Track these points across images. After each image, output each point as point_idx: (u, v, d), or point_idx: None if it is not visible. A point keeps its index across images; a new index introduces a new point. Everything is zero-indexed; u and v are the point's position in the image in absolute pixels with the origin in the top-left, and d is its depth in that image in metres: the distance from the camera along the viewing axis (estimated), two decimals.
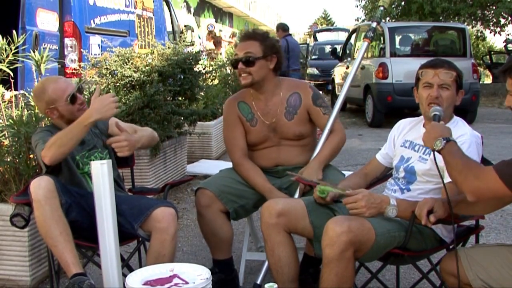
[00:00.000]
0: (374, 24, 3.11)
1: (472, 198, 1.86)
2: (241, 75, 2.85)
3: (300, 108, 2.92)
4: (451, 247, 2.34)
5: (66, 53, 5.90)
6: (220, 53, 11.67)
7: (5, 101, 3.23)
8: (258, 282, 2.77)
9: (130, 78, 4.48)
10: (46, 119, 3.09)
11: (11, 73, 3.18)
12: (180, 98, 5.06)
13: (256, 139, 2.95)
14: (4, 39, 3.18)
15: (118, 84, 4.46)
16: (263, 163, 2.96)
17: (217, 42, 12.41)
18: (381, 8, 3.09)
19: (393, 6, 17.02)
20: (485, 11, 17.15)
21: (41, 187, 2.30)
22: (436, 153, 2.01)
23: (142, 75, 4.50)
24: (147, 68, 4.56)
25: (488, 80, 19.84)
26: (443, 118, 2.31)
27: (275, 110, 2.92)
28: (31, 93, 2.94)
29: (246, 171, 2.89)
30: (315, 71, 15.91)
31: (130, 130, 2.75)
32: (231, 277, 2.94)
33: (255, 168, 2.90)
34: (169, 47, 4.97)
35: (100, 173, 2.29)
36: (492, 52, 18.15)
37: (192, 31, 11.62)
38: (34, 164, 3.00)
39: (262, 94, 2.93)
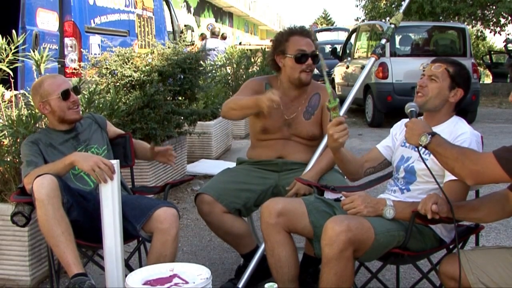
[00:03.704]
0: (383, 41, 3.10)
1: (471, 182, 1.91)
2: (304, 70, 2.92)
3: (317, 109, 2.99)
4: (451, 246, 2.35)
5: (66, 52, 5.90)
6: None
7: (5, 101, 3.23)
8: (240, 286, 2.77)
9: (130, 78, 4.48)
10: (45, 119, 3.10)
11: (11, 73, 3.19)
12: (180, 98, 5.06)
13: (270, 127, 2.98)
14: (4, 39, 3.18)
15: (118, 84, 4.45)
16: (267, 153, 3.00)
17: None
18: (392, 26, 3.06)
19: (393, 6, 17.03)
20: (485, 11, 17.16)
21: (44, 186, 2.29)
22: (422, 154, 2.03)
23: (142, 75, 4.50)
24: (147, 68, 4.56)
25: (488, 80, 19.84)
26: (429, 109, 2.37)
27: (297, 107, 2.99)
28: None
29: (231, 101, 2.90)
30: (315, 71, 15.88)
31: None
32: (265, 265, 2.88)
33: (239, 97, 2.93)
34: (169, 47, 4.97)
35: None
36: (492, 52, 18.15)
37: (192, 31, 11.61)
38: None
39: (294, 91, 3.00)
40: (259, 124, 3.01)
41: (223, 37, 13.42)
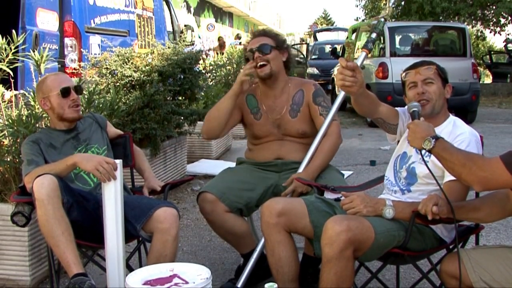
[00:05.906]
0: (374, 35, 3.10)
1: (479, 188, 1.89)
2: (258, 65, 2.92)
3: (302, 105, 2.99)
4: (451, 246, 2.34)
5: (66, 52, 5.89)
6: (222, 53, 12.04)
7: (5, 101, 3.23)
8: (239, 285, 2.76)
9: (130, 78, 4.48)
10: (45, 119, 3.10)
11: (11, 73, 3.19)
12: (180, 98, 5.07)
13: (260, 133, 3.02)
14: (4, 39, 3.18)
15: (118, 84, 4.45)
16: (265, 155, 3.01)
17: (222, 43, 13.19)
18: (382, 19, 3.07)
19: (393, 6, 17.03)
20: (485, 11, 17.20)
21: (44, 186, 2.29)
22: (424, 156, 2.02)
23: (142, 75, 4.50)
24: (147, 68, 4.56)
25: (488, 80, 19.85)
26: (437, 112, 2.38)
27: (282, 107, 3.00)
28: (31, 92, 2.94)
29: (212, 109, 3.01)
30: (315, 71, 15.88)
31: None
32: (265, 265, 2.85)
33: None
34: (169, 47, 4.97)
35: None
36: (492, 52, 18.17)
37: (192, 31, 11.61)
38: None
39: (272, 90, 3.01)
40: (249, 132, 3.09)
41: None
